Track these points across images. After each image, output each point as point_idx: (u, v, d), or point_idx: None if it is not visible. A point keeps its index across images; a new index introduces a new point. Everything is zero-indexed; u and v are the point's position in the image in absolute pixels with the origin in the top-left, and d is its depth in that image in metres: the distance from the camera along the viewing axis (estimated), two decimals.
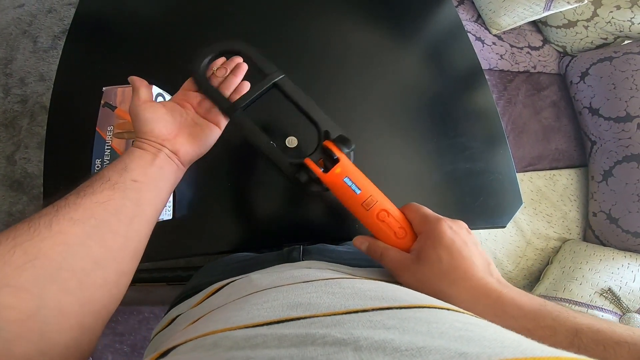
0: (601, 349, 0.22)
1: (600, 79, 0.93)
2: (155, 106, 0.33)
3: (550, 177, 0.96)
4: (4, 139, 1.10)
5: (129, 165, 0.29)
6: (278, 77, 0.34)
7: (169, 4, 0.58)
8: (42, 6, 1.27)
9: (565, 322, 0.23)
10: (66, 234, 0.22)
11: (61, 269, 0.21)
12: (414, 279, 0.28)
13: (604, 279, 0.79)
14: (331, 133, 0.34)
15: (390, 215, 0.31)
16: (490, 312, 0.25)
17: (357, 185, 0.31)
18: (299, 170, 0.33)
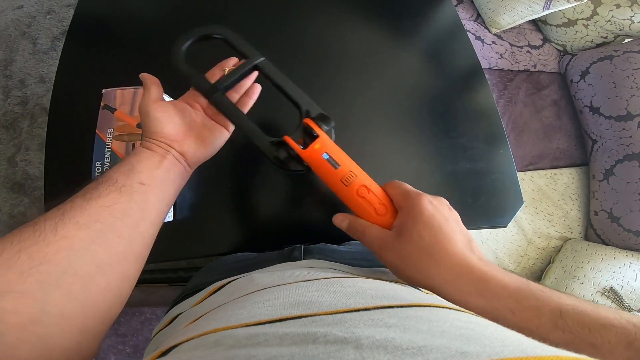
0: (586, 331, 0.22)
1: (601, 78, 0.93)
2: (166, 105, 0.32)
3: (551, 176, 0.96)
4: (4, 141, 1.10)
5: (136, 167, 0.29)
6: (258, 59, 0.35)
7: (167, 5, 0.58)
8: (41, 8, 1.27)
9: (549, 303, 0.23)
10: (71, 238, 0.22)
11: (65, 273, 0.21)
12: (396, 257, 0.28)
13: (606, 278, 0.79)
14: (311, 112, 0.34)
15: (370, 192, 0.30)
16: (474, 291, 0.24)
17: (336, 160, 0.31)
18: (279, 148, 0.33)
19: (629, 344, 0.21)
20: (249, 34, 0.36)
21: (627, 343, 0.21)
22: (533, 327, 0.23)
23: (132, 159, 0.29)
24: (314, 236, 0.44)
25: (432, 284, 0.26)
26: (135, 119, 0.39)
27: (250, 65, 0.34)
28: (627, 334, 0.21)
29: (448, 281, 0.25)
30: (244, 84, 0.37)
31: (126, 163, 0.29)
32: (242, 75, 0.35)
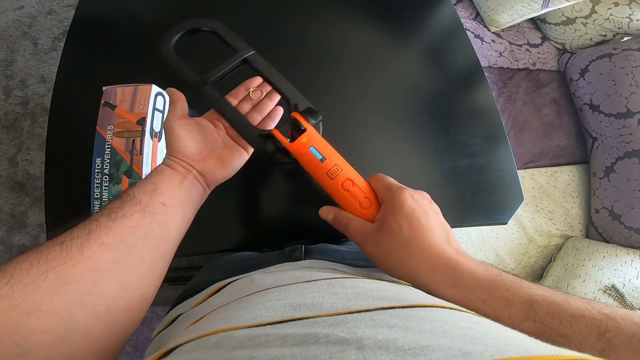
0: (557, 322, 0.22)
1: (600, 76, 0.93)
2: (191, 124, 0.32)
3: (551, 173, 0.96)
4: (5, 141, 1.10)
5: (159, 186, 0.29)
6: (248, 53, 0.35)
7: (166, 5, 0.58)
8: (42, 8, 1.27)
9: (519, 293, 0.23)
10: (97, 259, 0.22)
11: (90, 294, 0.21)
12: (377, 249, 0.28)
13: (608, 276, 0.79)
14: (300, 105, 0.35)
15: (355, 185, 0.31)
16: (448, 282, 0.25)
17: (322, 154, 0.32)
18: (267, 141, 0.34)
19: (601, 334, 0.21)
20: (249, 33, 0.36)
21: (598, 334, 0.21)
22: (505, 317, 0.23)
23: (155, 178, 0.29)
24: (315, 235, 0.44)
25: (410, 274, 0.27)
26: (134, 115, 0.39)
27: (240, 58, 0.35)
28: (598, 325, 0.21)
29: (424, 272, 0.26)
30: (266, 106, 0.36)
31: (149, 182, 0.29)
32: (231, 68, 0.35)
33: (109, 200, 0.37)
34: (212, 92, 0.34)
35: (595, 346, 0.21)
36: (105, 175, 0.37)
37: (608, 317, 0.21)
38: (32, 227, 1.03)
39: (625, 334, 0.20)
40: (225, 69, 0.34)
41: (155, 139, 0.40)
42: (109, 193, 0.37)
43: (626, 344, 0.20)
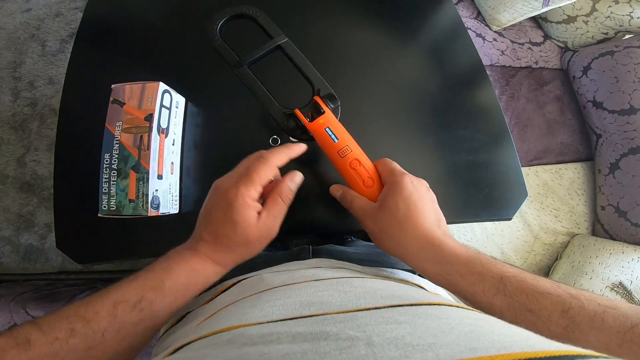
0: (524, 297, 0.23)
1: (603, 73, 0.93)
2: (253, 215, 0.28)
3: (556, 171, 0.96)
4: (14, 142, 1.11)
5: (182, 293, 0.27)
6: (282, 40, 0.41)
7: (173, 5, 0.59)
8: (49, 10, 1.29)
9: (492, 269, 0.25)
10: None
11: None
12: (375, 226, 0.31)
13: (615, 273, 0.78)
14: (322, 91, 0.40)
15: (361, 165, 0.34)
16: (432, 258, 0.28)
17: (336, 135, 0.35)
18: (289, 118, 0.39)
19: (564, 311, 0.22)
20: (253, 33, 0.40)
21: (562, 310, 0.22)
22: (479, 291, 0.25)
23: (183, 278, 0.27)
24: (321, 231, 0.44)
25: (401, 250, 0.30)
26: (142, 112, 0.40)
27: (275, 44, 0.40)
28: (563, 302, 0.22)
29: (413, 249, 0.29)
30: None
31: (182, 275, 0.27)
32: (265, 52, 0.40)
33: (116, 195, 0.38)
34: (247, 72, 0.39)
35: (559, 322, 0.22)
36: (114, 170, 0.38)
37: (573, 297, 0.22)
38: (40, 226, 1.04)
39: (588, 313, 0.21)
40: (260, 53, 0.40)
41: (163, 135, 0.40)
42: (117, 187, 0.38)
43: (589, 322, 0.21)
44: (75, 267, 1.00)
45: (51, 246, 1.02)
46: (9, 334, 0.21)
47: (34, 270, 1.01)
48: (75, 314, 0.23)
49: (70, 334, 0.22)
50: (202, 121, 0.46)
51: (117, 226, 0.43)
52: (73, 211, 0.45)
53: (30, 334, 0.21)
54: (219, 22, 0.40)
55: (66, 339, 0.22)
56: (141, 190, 0.37)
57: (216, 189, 0.29)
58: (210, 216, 0.29)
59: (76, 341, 0.22)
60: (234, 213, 0.27)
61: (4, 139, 1.12)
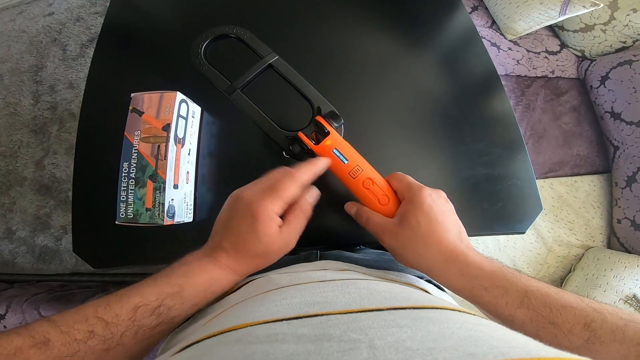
0: (548, 310, 0.24)
1: (621, 83, 0.91)
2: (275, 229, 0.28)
3: (571, 183, 0.94)
4: (33, 145, 1.15)
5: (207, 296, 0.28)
6: (272, 58, 0.37)
7: (193, 13, 0.60)
8: (71, 15, 1.32)
9: (517, 283, 0.26)
10: None
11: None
12: (395, 242, 0.31)
13: (629, 286, 0.76)
14: (323, 109, 0.37)
15: (374, 184, 0.34)
16: (456, 272, 0.28)
17: (345, 156, 0.34)
18: (293, 142, 0.35)
19: (587, 324, 0.22)
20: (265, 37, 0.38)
21: (584, 324, 0.22)
22: (503, 304, 0.25)
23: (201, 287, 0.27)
24: (331, 241, 0.45)
25: (424, 265, 0.29)
26: (160, 122, 0.41)
27: (265, 64, 0.37)
28: (585, 315, 0.23)
29: (437, 263, 0.29)
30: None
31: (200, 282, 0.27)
32: (257, 73, 0.37)
33: (134, 203, 0.39)
34: (241, 97, 0.36)
35: (581, 335, 0.22)
36: (132, 179, 0.39)
37: (595, 310, 0.23)
38: (56, 228, 1.07)
39: (610, 326, 0.22)
40: (251, 75, 0.36)
41: (179, 145, 0.41)
42: (135, 196, 0.39)
43: (610, 335, 0.22)
44: (88, 269, 1.02)
45: (66, 248, 1.04)
46: (26, 333, 0.21)
47: (48, 271, 1.03)
48: (94, 315, 0.23)
49: (90, 335, 0.23)
50: (217, 131, 0.47)
51: (132, 233, 0.44)
52: (90, 217, 0.46)
53: (48, 334, 0.22)
54: (202, 45, 0.37)
55: (85, 341, 0.22)
56: (158, 200, 0.38)
57: (238, 199, 0.29)
58: (231, 226, 0.29)
59: (95, 343, 0.23)
60: (259, 226, 0.27)
61: (24, 142, 1.16)
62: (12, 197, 1.11)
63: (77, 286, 0.89)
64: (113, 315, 0.24)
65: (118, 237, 0.44)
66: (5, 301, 0.74)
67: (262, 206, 0.27)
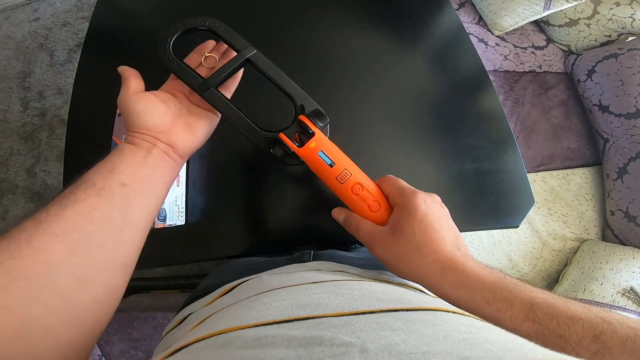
0: (555, 323, 0.23)
1: (607, 76, 0.92)
2: (148, 96, 0.30)
3: (563, 176, 0.95)
4: (24, 152, 1.13)
5: (118, 165, 0.26)
6: (250, 52, 0.33)
7: (179, 15, 0.60)
8: (57, 20, 1.31)
9: (521, 295, 0.24)
10: (47, 251, 0.21)
11: (44, 288, 0.20)
12: (387, 252, 0.29)
13: (626, 279, 0.77)
14: (306, 107, 0.33)
15: (364, 189, 0.31)
16: (454, 283, 0.26)
17: (332, 158, 0.32)
18: (274, 144, 0.33)
19: (596, 336, 0.21)
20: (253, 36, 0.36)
21: (593, 336, 0.21)
22: (507, 317, 0.24)
23: (114, 158, 0.27)
24: (324, 240, 0.44)
25: (420, 276, 0.28)
26: None
27: (242, 58, 0.33)
28: (594, 327, 0.22)
29: (433, 274, 0.27)
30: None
31: (107, 162, 0.27)
32: (234, 69, 0.33)
33: None
34: (215, 95, 0.32)
35: (590, 347, 0.21)
36: None
37: (604, 321, 0.22)
38: None
39: (620, 337, 0.21)
40: (227, 71, 0.33)
41: None
42: None
43: (620, 346, 0.21)
44: None
45: None
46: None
47: None
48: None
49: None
50: None
51: None
52: None
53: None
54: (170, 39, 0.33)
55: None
56: None
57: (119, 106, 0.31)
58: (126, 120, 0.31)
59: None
60: (129, 107, 0.30)
61: (14, 150, 1.14)
62: (5, 205, 1.09)
63: None
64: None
65: None
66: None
67: (124, 97, 0.30)
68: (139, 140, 0.29)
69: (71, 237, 0.22)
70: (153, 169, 0.28)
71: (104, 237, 0.24)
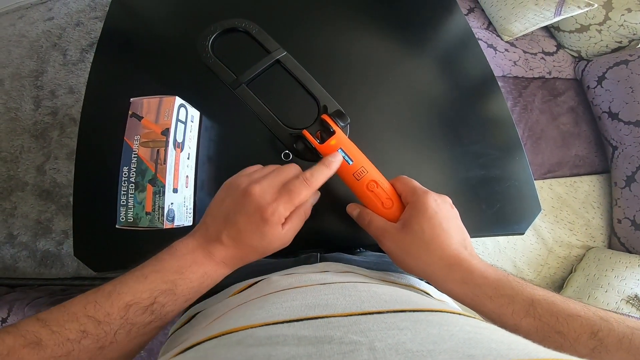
0: (554, 320, 0.23)
1: (618, 83, 0.91)
2: (281, 228, 0.28)
3: (571, 184, 0.94)
4: (34, 150, 1.15)
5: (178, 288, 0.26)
6: (280, 54, 0.37)
7: (192, 17, 0.61)
8: (70, 19, 1.32)
9: (522, 292, 0.25)
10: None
11: None
12: (397, 246, 0.30)
13: (630, 286, 0.76)
14: (329, 107, 0.36)
15: (379, 187, 0.33)
16: (459, 279, 0.27)
17: (350, 156, 0.33)
18: (297, 140, 0.35)
19: (593, 333, 0.22)
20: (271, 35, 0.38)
21: (591, 332, 0.22)
22: (508, 313, 0.25)
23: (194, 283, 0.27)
24: (331, 244, 0.45)
25: (426, 271, 0.29)
26: (159, 126, 0.41)
27: (273, 59, 0.36)
28: (592, 325, 0.23)
29: (439, 270, 0.28)
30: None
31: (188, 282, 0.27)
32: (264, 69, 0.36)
33: (134, 207, 0.39)
34: (246, 92, 0.35)
35: (587, 344, 0.22)
36: (132, 183, 0.39)
37: (602, 319, 0.23)
38: (57, 233, 1.07)
39: (617, 335, 0.22)
40: (258, 70, 0.36)
41: (178, 149, 0.42)
42: (135, 200, 0.39)
43: (617, 344, 0.21)
44: (89, 273, 1.02)
45: (67, 252, 1.05)
46: (16, 332, 0.21)
47: (49, 276, 1.03)
48: (84, 314, 0.23)
49: (82, 335, 0.22)
50: (216, 135, 0.47)
51: (133, 237, 0.44)
52: (91, 221, 0.46)
53: (39, 334, 0.21)
54: (209, 37, 0.37)
55: (78, 340, 0.22)
56: (157, 203, 0.38)
57: (246, 194, 0.27)
58: (235, 221, 0.27)
59: (88, 342, 0.22)
60: (267, 228, 0.27)
61: (25, 147, 1.16)
62: (14, 202, 1.11)
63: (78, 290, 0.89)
64: (104, 314, 0.23)
65: (118, 241, 0.45)
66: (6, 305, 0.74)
67: (275, 211, 0.27)
68: (222, 261, 0.28)
69: None
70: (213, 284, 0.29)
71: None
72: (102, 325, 0.23)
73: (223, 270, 0.29)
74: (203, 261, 0.27)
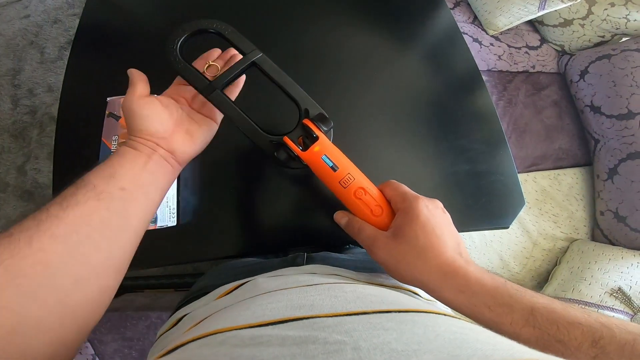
0: (555, 328, 0.23)
1: (600, 77, 0.93)
2: (153, 102, 0.30)
3: (554, 176, 0.96)
4: (14, 150, 1.12)
5: (118, 170, 0.27)
6: (256, 56, 0.34)
7: (171, 14, 0.60)
8: (48, 17, 1.29)
9: (521, 300, 0.25)
10: (47, 252, 0.21)
11: (41, 288, 0.21)
12: (389, 256, 0.29)
13: (614, 279, 0.78)
14: (310, 111, 0.34)
15: (367, 194, 0.31)
16: (456, 288, 0.27)
17: (335, 163, 0.32)
18: (279, 148, 0.33)
19: (595, 341, 0.22)
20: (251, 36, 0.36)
21: (592, 340, 0.22)
22: (507, 322, 0.24)
23: (115, 161, 0.28)
24: (318, 242, 0.45)
25: (421, 280, 0.28)
26: None
27: (248, 62, 0.34)
28: (594, 332, 0.22)
29: (435, 279, 0.27)
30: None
31: (107, 166, 0.27)
32: (240, 72, 0.34)
33: None
34: (221, 97, 0.33)
35: (589, 352, 0.22)
36: None
37: (604, 326, 0.22)
38: None
39: (619, 342, 0.21)
40: (233, 73, 0.33)
41: None
42: None
43: (619, 351, 0.21)
44: None
45: None
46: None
47: None
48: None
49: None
50: None
51: None
52: None
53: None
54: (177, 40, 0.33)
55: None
56: None
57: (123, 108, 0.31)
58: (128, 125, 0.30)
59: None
60: (133, 111, 0.30)
61: (5, 147, 1.13)
62: None
63: None
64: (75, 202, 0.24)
65: None
66: None
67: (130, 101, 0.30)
68: (140, 145, 0.29)
69: (70, 239, 0.22)
70: (152, 175, 0.29)
71: (101, 239, 0.24)
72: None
73: (147, 150, 0.30)
74: (126, 148, 0.29)
